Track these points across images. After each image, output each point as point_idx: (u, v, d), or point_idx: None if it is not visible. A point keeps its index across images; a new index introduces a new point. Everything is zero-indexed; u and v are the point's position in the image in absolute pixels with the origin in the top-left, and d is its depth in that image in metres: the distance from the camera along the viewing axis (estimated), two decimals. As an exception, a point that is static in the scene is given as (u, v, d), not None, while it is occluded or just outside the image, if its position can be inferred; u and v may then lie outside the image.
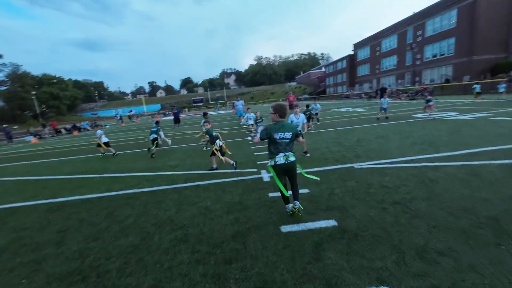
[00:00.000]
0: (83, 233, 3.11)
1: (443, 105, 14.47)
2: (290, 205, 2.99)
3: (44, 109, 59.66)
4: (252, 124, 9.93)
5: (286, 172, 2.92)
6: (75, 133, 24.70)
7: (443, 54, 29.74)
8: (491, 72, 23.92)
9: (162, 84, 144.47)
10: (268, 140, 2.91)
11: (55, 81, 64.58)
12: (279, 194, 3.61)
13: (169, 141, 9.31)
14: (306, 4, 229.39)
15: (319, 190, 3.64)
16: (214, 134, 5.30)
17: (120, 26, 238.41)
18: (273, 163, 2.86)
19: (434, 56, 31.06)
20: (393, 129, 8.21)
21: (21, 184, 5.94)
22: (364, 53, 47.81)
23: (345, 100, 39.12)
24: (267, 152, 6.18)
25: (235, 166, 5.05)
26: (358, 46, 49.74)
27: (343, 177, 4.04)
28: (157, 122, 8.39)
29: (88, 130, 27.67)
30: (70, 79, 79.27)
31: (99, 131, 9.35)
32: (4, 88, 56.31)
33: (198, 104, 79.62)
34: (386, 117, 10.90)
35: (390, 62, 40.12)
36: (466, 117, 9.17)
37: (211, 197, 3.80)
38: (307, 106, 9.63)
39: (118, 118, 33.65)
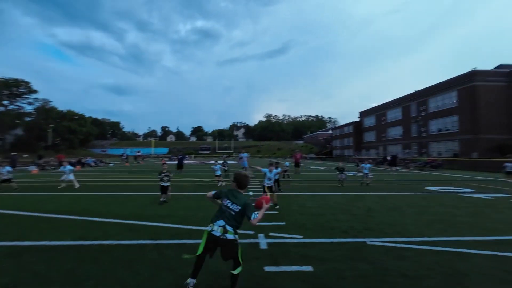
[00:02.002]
0: (29, 295, 2.50)
1: (456, 181, 13.94)
2: (192, 281, 2.45)
3: (58, 141, 61.92)
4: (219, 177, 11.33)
5: (218, 247, 2.42)
6: (78, 168, 24.64)
7: (448, 130, 30.63)
8: (500, 151, 23.92)
9: (174, 129, 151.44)
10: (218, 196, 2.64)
11: (76, 117, 68.92)
12: (277, 269, 3.01)
13: (77, 185, 10.46)
14: (316, 74, 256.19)
15: (325, 269, 3.01)
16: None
17: (148, 77, 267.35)
18: (209, 229, 2.42)
19: (439, 130, 31.98)
20: (406, 201, 7.61)
21: (-5, 218, 5.42)
22: (370, 121, 50.03)
23: (352, 163, 38.94)
24: (269, 212, 5.59)
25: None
26: (364, 114, 52.54)
27: (353, 256, 3.41)
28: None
29: (91, 166, 27.69)
30: (90, 117, 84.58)
31: (4, 168, 10.02)
32: (29, 119, 60.09)
33: (205, 151, 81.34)
34: (367, 184, 11.05)
35: (395, 132, 41.40)
36: (483, 196, 8.57)
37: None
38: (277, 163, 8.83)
39: (124, 157, 34.04)
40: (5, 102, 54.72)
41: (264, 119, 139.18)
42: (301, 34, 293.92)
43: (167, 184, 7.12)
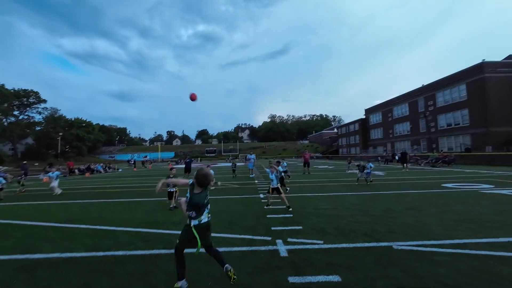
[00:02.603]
0: (42, 314, 2.35)
1: (472, 176, 13.45)
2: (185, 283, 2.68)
3: (67, 149, 62.99)
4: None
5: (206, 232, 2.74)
6: (87, 174, 24.90)
7: (458, 124, 29.82)
8: (514, 144, 23.11)
9: (179, 133, 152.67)
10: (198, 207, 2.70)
11: (84, 124, 70.01)
12: (302, 279, 2.80)
13: (59, 192, 10.74)
14: (318, 73, 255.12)
15: (354, 279, 2.79)
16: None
17: (152, 82, 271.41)
18: (196, 222, 2.65)
19: (449, 125, 31.17)
20: (425, 200, 7.29)
21: (8, 229, 5.36)
22: (376, 118, 49.27)
23: (360, 161, 38.36)
24: (283, 215, 5.41)
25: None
26: (369, 111, 51.79)
27: (382, 262, 3.18)
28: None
29: (100, 172, 27.94)
30: (98, 124, 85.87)
31: None
32: (39, 128, 61.33)
33: (211, 154, 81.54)
34: (370, 181, 11.16)
35: (403, 128, 40.62)
36: (506, 191, 8.16)
37: (213, 274, 3.01)
38: (278, 162, 8.68)
39: (132, 162, 34.31)
40: (15, 113, 56.00)
41: (268, 120, 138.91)
42: (302, 34, 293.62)
43: (173, 189, 6.99)
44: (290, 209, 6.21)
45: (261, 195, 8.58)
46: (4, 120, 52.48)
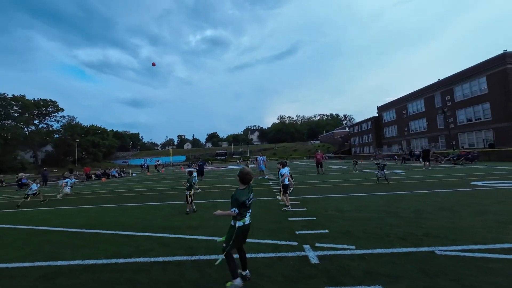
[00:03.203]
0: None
1: (502, 173, 12.61)
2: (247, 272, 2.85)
3: (83, 155, 65.18)
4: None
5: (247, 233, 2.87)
6: (103, 179, 25.47)
7: (479, 119, 28.36)
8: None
9: (190, 137, 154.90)
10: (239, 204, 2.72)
11: (99, 131, 72.28)
12: (340, 291, 2.52)
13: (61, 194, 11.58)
14: (327, 73, 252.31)
15: (399, 289, 2.49)
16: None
17: (163, 88, 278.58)
18: (240, 224, 2.72)
19: (469, 120, 29.71)
20: (455, 199, 6.79)
21: (29, 236, 5.39)
22: (390, 116, 47.82)
23: (375, 160, 37.22)
24: (306, 217, 5.16)
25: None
26: (382, 109, 50.36)
27: (426, 269, 2.85)
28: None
29: (115, 177, 28.54)
30: (112, 130, 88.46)
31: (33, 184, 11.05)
32: (57, 136, 63.90)
33: (222, 157, 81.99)
34: (384, 178, 10.67)
35: (419, 125, 39.16)
36: (546, 189, 7.51)
37: (219, 279, 2.79)
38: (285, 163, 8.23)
39: (145, 167, 34.88)
40: (35, 122, 58.65)
41: (278, 121, 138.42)
42: (309, 33, 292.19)
43: (188, 193, 6.84)
44: (283, 208, 6.49)
45: (278, 198, 8.31)
46: (26, 129, 54.99)
